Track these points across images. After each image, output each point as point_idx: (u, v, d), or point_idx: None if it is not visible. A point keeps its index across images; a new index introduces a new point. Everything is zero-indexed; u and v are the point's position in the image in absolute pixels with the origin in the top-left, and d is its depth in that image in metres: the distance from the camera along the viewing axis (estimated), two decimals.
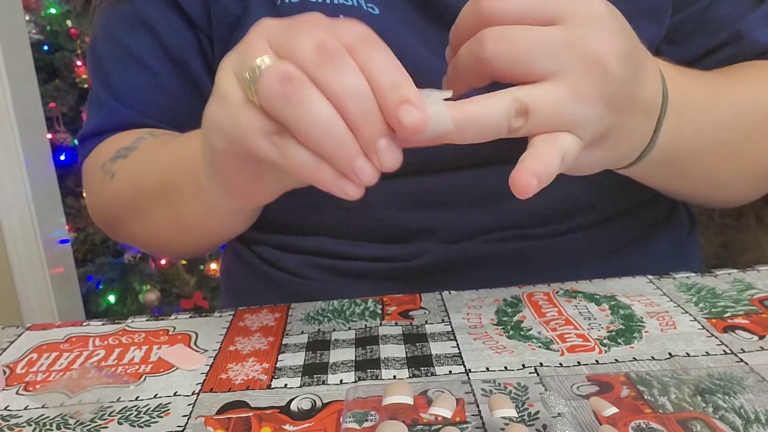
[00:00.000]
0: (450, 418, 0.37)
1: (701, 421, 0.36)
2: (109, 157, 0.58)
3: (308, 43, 0.34)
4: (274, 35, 0.36)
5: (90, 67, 0.64)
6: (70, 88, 2.08)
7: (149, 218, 0.56)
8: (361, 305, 0.54)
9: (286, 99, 0.33)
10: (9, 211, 1.79)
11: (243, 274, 0.69)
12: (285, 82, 0.33)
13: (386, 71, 0.34)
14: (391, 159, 0.34)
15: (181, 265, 2.19)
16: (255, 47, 0.36)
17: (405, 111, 0.33)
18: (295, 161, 0.35)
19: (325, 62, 0.33)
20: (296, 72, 0.33)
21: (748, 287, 0.53)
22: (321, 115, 0.33)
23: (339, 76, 0.33)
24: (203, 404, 0.42)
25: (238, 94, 0.36)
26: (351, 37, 0.35)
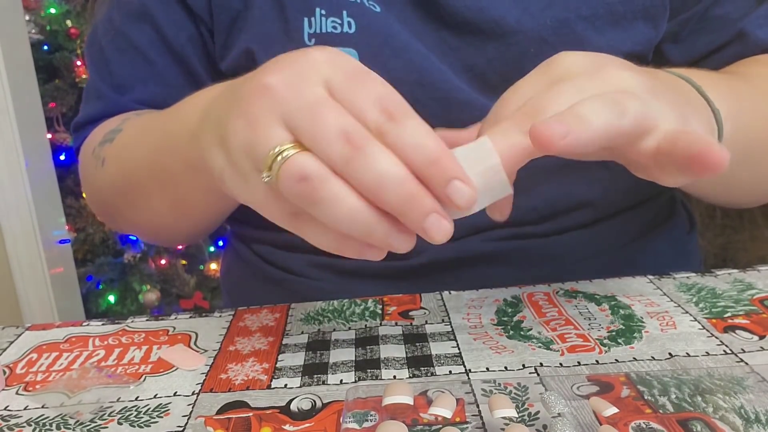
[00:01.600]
0: (450, 418, 0.37)
1: (701, 421, 0.36)
2: (98, 142, 0.58)
3: (333, 133, 0.31)
4: (290, 115, 0.33)
5: (89, 57, 0.64)
6: (70, 88, 2.08)
7: (145, 202, 0.55)
8: (361, 305, 0.54)
9: (308, 198, 0.32)
10: (9, 211, 1.79)
11: (243, 274, 0.69)
12: (304, 182, 0.31)
13: (421, 148, 0.31)
14: (441, 232, 0.32)
15: (181, 265, 2.19)
16: (268, 130, 0.33)
17: (454, 190, 0.31)
18: (316, 240, 0.34)
19: (353, 153, 0.31)
20: (315, 169, 0.31)
21: (749, 287, 0.53)
22: (346, 212, 0.31)
23: (370, 165, 0.31)
24: (203, 404, 0.42)
25: (257, 181, 0.34)
26: (374, 112, 0.32)
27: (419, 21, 0.55)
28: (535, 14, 0.54)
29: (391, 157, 0.31)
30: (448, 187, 0.31)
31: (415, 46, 0.54)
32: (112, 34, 0.61)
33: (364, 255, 0.34)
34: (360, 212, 0.32)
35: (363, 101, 0.33)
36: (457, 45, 0.55)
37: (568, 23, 0.54)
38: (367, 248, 0.34)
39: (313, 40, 0.53)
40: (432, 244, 0.37)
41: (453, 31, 0.54)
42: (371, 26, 0.53)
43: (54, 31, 2.05)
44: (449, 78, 0.54)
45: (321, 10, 0.53)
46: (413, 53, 0.54)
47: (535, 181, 0.58)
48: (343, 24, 0.53)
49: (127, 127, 0.56)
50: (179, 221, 0.57)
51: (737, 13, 0.58)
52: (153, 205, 0.55)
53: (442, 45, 0.55)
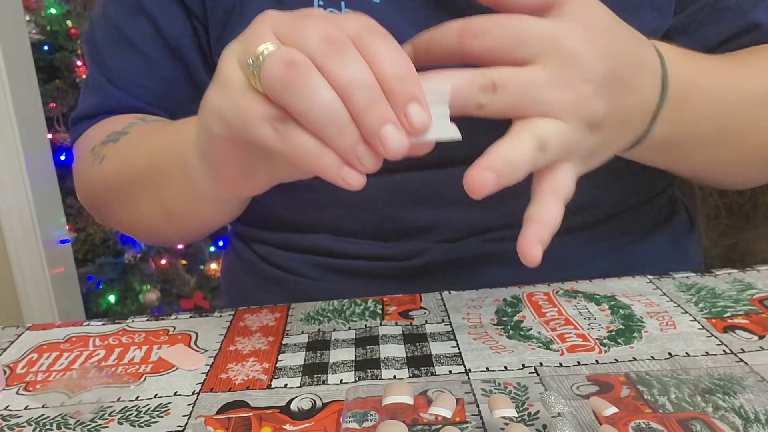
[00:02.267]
0: (450, 418, 0.37)
1: (701, 421, 0.36)
2: (100, 141, 0.58)
3: (314, 33, 0.34)
4: (279, 25, 0.36)
5: (86, 52, 0.64)
6: (71, 88, 2.08)
7: (136, 203, 0.56)
8: (361, 305, 0.54)
9: (289, 84, 0.33)
10: (9, 211, 1.79)
11: (243, 273, 0.69)
12: (289, 67, 0.33)
13: (393, 63, 0.34)
14: (397, 144, 0.34)
15: (181, 265, 2.20)
16: (260, 35, 0.36)
17: (413, 109, 0.34)
18: (297, 148, 0.35)
19: (331, 52, 0.34)
20: (301, 57, 0.34)
21: (748, 287, 0.53)
22: (325, 101, 0.33)
23: (345, 65, 0.34)
24: (203, 404, 0.42)
25: (241, 81, 0.36)
26: (357, 28, 0.35)
27: (420, 11, 0.55)
28: None
29: (364, 64, 0.34)
30: (408, 106, 0.34)
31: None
32: (108, 28, 0.61)
33: (341, 175, 0.35)
34: (335, 104, 0.34)
35: (351, 21, 0.35)
36: None
37: None
38: (344, 167, 0.35)
39: None
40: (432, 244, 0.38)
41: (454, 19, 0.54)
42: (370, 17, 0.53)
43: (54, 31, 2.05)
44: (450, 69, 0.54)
45: (319, 1, 0.53)
46: None
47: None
48: None
49: (133, 131, 0.57)
50: (168, 226, 0.57)
51: (747, 4, 0.58)
52: (144, 208, 0.55)
53: None
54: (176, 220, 0.55)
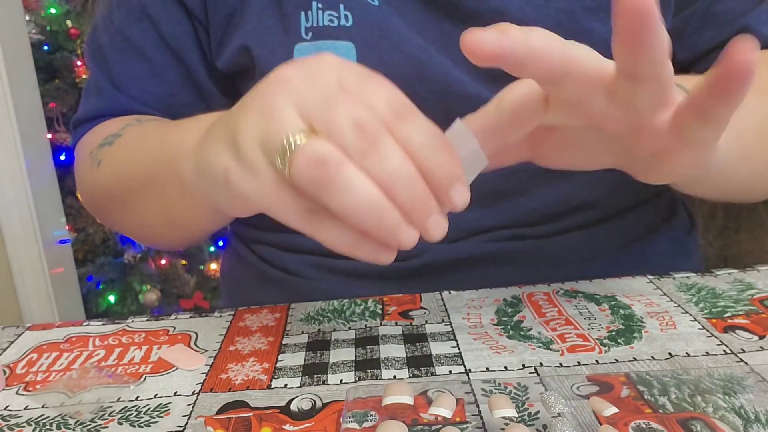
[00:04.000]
0: (450, 418, 0.37)
1: (701, 421, 0.36)
2: (98, 144, 0.58)
3: (346, 120, 0.32)
4: (305, 104, 0.33)
5: (89, 55, 0.64)
6: (70, 88, 2.08)
7: (135, 209, 0.56)
8: (361, 305, 0.54)
9: (324, 184, 0.31)
10: (9, 211, 1.79)
11: (243, 274, 0.69)
12: (322, 165, 0.31)
13: (430, 147, 0.33)
14: (441, 231, 0.33)
15: (181, 265, 2.19)
16: (283, 117, 0.33)
17: (457, 192, 0.33)
18: (331, 239, 0.34)
19: (366, 145, 0.32)
20: (333, 154, 0.31)
21: (748, 287, 0.53)
22: (362, 198, 0.32)
23: (383, 160, 0.32)
24: (203, 404, 0.42)
25: (271, 173, 0.33)
26: (386, 107, 0.33)
27: (419, 13, 0.55)
28: (539, 5, 0.53)
29: (403, 154, 0.32)
30: (452, 190, 0.33)
31: (414, 39, 0.54)
32: (111, 33, 0.61)
33: (377, 257, 0.34)
34: (376, 198, 0.32)
35: (374, 99, 0.33)
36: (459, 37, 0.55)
37: (573, 14, 0.54)
38: (380, 249, 0.34)
39: (310, 34, 0.53)
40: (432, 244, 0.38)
41: (454, 22, 0.54)
42: (369, 19, 0.53)
43: (54, 31, 2.05)
44: (449, 71, 0.54)
45: (318, 3, 0.53)
46: (412, 46, 0.54)
47: (536, 183, 0.58)
48: (340, 17, 0.53)
49: (127, 133, 0.56)
50: (168, 231, 0.57)
51: (739, 9, 0.58)
52: (143, 213, 0.55)
53: (443, 37, 0.55)
54: (176, 225, 0.55)
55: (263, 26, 0.55)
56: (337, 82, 0.34)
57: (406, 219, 0.33)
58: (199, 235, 0.58)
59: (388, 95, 0.34)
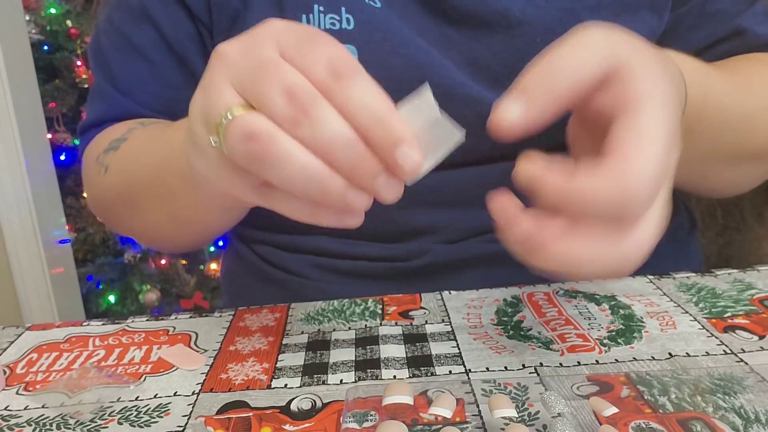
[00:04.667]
0: (450, 418, 0.37)
1: (701, 421, 0.36)
2: (103, 149, 0.58)
3: (277, 89, 0.31)
4: (238, 77, 0.33)
5: (92, 59, 0.64)
6: (70, 88, 2.08)
7: (144, 213, 0.56)
8: (361, 305, 0.54)
9: (258, 158, 0.31)
10: (9, 211, 1.79)
11: (244, 274, 0.69)
12: (252, 140, 0.31)
13: (367, 108, 0.31)
14: (393, 193, 0.32)
15: (181, 265, 2.19)
16: (218, 94, 0.33)
17: (400, 155, 0.31)
18: (289, 210, 0.34)
19: (299, 114, 0.31)
20: (261, 126, 0.31)
21: (748, 287, 0.53)
22: (299, 169, 0.31)
23: (317, 127, 0.31)
24: (203, 404, 0.42)
25: (213, 150, 0.34)
26: (322, 72, 0.32)
27: (421, 16, 0.54)
28: (540, 4, 0.54)
29: (337, 118, 0.31)
30: (395, 152, 0.31)
31: (416, 41, 0.54)
32: (113, 35, 0.61)
33: (342, 221, 0.34)
34: (314, 167, 0.31)
35: (312, 61, 0.32)
36: (461, 39, 0.55)
37: (574, 13, 0.54)
38: (341, 215, 0.34)
39: None
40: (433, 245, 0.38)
41: (456, 24, 0.54)
42: (370, 22, 0.53)
43: (54, 31, 2.05)
44: (451, 73, 0.54)
45: (319, 6, 0.53)
46: (414, 49, 0.54)
47: None
48: (342, 20, 0.53)
49: (132, 137, 0.56)
50: (177, 233, 0.57)
51: (734, 9, 0.58)
52: (152, 216, 0.55)
53: (445, 40, 0.55)
54: (183, 227, 0.55)
55: None
56: (274, 50, 0.33)
57: (351, 182, 0.32)
58: (206, 236, 0.58)
59: (329, 55, 0.32)
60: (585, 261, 0.33)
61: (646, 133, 0.32)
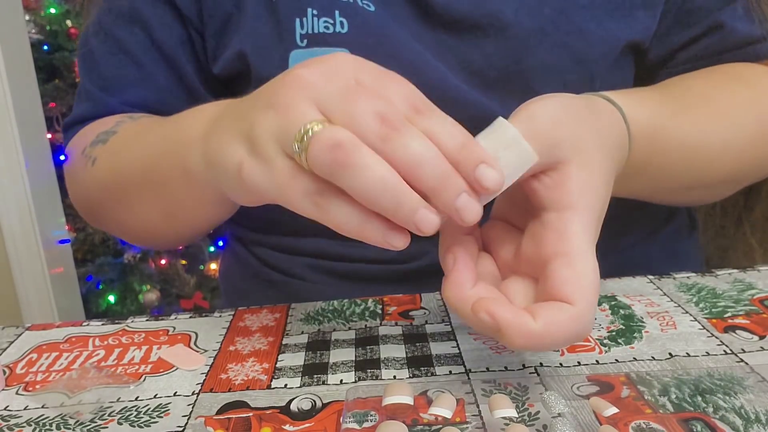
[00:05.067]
0: (450, 418, 0.37)
1: (701, 421, 0.36)
2: (90, 142, 0.57)
3: (368, 113, 0.33)
4: (323, 100, 0.35)
5: (80, 58, 0.63)
6: (70, 88, 2.08)
7: (133, 207, 0.55)
8: (361, 305, 0.54)
9: (339, 166, 0.32)
10: (9, 211, 1.79)
11: (242, 276, 0.69)
12: (337, 148, 0.32)
13: (450, 134, 0.34)
14: (473, 213, 0.33)
15: (181, 265, 2.20)
16: (300, 112, 0.34)
17: (482, 172, 0.33)
18: (338, 220, 0.34)
19: (388, 132, 0.33)
20: (348, 137, 0.33)
21: (749, 287, 0.53)
22: (379, 179, 0.32)
23: (407, 144, 0.33)
24: (203, 404, 0.42)
25: (285, 163, 0.35)
26: (404, 105, 0.34)
27: (415, 20, 0.54)
28: (532, 6, 0.53)
29: (425, 139, 0.33)
30: (477, 171, 0.33)
31: (411, 45, 0.54)
32: (102, 36, 0.60)
33: (388, 239, 0.34)
34: (391, 180, 0.32)
35: (391, 95, 0.35)
36: (454, 42, 0.55)
37: (567, 13, 0.54)
38: (390, 231, 0.34)
39: (305, 41, 0.53)
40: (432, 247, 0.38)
41: (450, 28, 0.54)
42: (365, 26, 0.53)
43: (54, 31, 2.06)
44: (446, 77, 0.54)
45: (313, 10, 0.53)
46: (408, 52, 0.53)
47: None
48: (336, 24, 0.53)
49: (122, 130, 0.56)
50: (168, 226, 0.56)
51: (714, 5, 0.58)
52: (143, 209, 0.55)
53: (439, 43, 0.55)
54: (176, 221, 0.55)
55: (258, 33, 0.55)
56: (353, 80, 0.35)
57: (433, 200, 0.33)
58: (200, 230, 0.58)
59: (406, 92, 0.35)
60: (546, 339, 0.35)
61: (585, 278, 0.36)
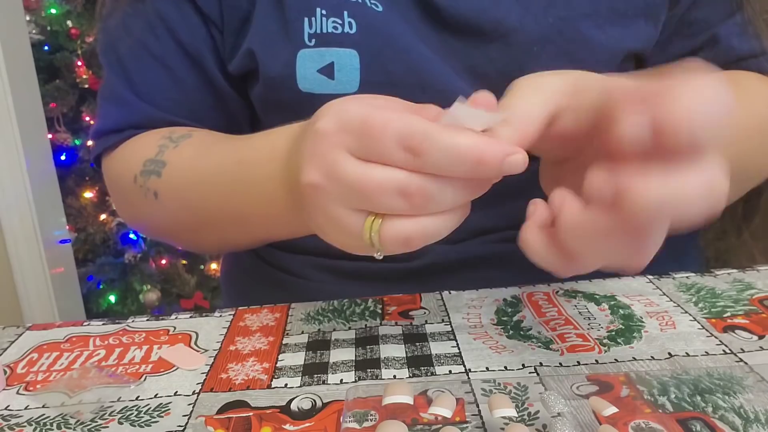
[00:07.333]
0: (450, 417, 0.37)
1: (701, 421, 0.36)
2: (140, 171, 0.57)
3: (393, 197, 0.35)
4: (349, 202, 0.36)
5: (106, 63, 0.63)
6: (71, 88, 2.08)
7: (219, 237, 0.58)
8: (361, 305, 0.54)
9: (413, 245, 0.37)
10: (9, 211, 1.79)
11: (243, 275, 0.69)
12: (408, 241, 0.36)
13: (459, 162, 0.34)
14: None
15: (182, 265, 2.20)
16: (348, 223, 0.36)
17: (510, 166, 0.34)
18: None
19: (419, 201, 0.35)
20: (409, 227, 0.36)
21: (748, 287, 0.53)
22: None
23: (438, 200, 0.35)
24: (203, 404, 0.42)
25: (362, 236, 0.37)
26: (402, 156, 0.35)
27: (422, 21, 0.54)
28: (537, 13, 0.54)
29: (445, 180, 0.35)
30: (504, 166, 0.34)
31: (418, 47, 0.54)
32: (130, 43, 0.60)
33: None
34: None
35: (386, 152, 0.35)
36: (460, 46, 0.55)
37: (571, 21, 0.54)
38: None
39: (314, 41, 0.53)
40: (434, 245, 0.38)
41: (455, 32, 0.54)
42: (373, 27, 0.53)
43: (55, 31, 2.05)
44: (451, 80, 0.54)
45: (322, 10, 0.53)
46: (415, 54, 0.54)
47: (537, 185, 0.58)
48: (344, 24, 0.53)
49: (171, 161, 0.55)
50: (248, 243, 0.60)
51: (713, 18, 0.58)
52: (228, 237, 0.58)
53: (445, 47, 0.55)
54: (251, 241, 0.59)
55: (267, 31, 0.55)
56: (348, 156, 0.35)
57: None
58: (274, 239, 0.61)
59: (394, 137, 0.34)
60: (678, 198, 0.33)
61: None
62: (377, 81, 0.53)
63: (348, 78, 0.53)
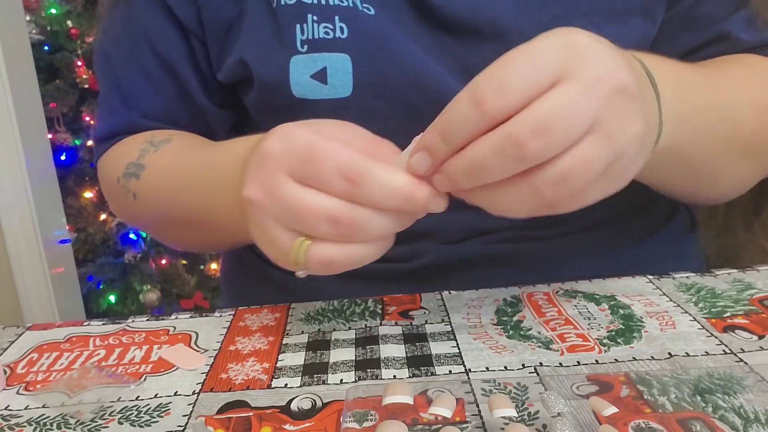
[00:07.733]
0: (450, 417, 0.37)
1: (701, 421, 0.36)
2: (122, 173, 0.60)
3: (323, 223, 0.38)
4: (282, 220, 0.39)
5: (99, 71, 0.66)
6: (71, 88, 2.08)
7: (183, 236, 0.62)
8: (361, 305, 0.54)
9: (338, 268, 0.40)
10: (9, 211, 1.79)
11: (243, 275, 0.69)
12: (331, 265, 0.39)
13: (391, 197, 0.38)
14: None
15: (182, 265, 2.20)
16: (280, 240, 0.40)
17: (433, 207, 0.39)
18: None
19: (348, 231, 0.38)
20: (334, 251, 0.39)
21: (748, 287, 0.53)
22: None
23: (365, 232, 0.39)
24: (203, 404, 0.42)
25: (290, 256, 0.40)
26: (340, 184, 0.37)
27: (416, 23, 0.54)
28: (532, 12, 0.53)
29: (375, 211, 0.38)
30: (427, 209, 0.39)
31: (411, 48, 0.54)
32: (119, 51, 0.63)
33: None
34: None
35: (325, 179, 0.37)
36: (454, 46, 0.55)
37: (566, 20, 0.54)
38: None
39: (306, 47, 0.53)
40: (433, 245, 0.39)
41: (450, 32, 0.54)
42: (365, 30, 0.53)
43: (55, 31, 2.05)
44: (445, 80, 0.54)
45: (313, 16, 0.53)
46: (409, 56, 0.54)
47: None
48: (336, 29, 0.53)
49: (149, 164, 0.58)
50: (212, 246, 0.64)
51: (720, 14, 0.58)
52: (194, 238, 0.62)
53: (439, 47, 0.55)
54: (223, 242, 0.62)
55: (259, 39, 0.55)
56: (289, 179, 0.38)
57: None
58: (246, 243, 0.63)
59: (334, 167, 0.37)
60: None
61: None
62: (370, 84, 0.53)
63: (340, 82, 0.53)
